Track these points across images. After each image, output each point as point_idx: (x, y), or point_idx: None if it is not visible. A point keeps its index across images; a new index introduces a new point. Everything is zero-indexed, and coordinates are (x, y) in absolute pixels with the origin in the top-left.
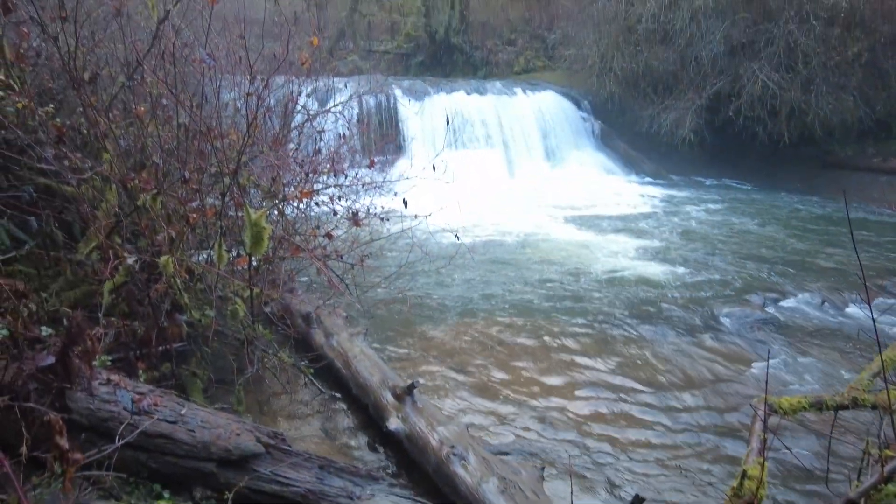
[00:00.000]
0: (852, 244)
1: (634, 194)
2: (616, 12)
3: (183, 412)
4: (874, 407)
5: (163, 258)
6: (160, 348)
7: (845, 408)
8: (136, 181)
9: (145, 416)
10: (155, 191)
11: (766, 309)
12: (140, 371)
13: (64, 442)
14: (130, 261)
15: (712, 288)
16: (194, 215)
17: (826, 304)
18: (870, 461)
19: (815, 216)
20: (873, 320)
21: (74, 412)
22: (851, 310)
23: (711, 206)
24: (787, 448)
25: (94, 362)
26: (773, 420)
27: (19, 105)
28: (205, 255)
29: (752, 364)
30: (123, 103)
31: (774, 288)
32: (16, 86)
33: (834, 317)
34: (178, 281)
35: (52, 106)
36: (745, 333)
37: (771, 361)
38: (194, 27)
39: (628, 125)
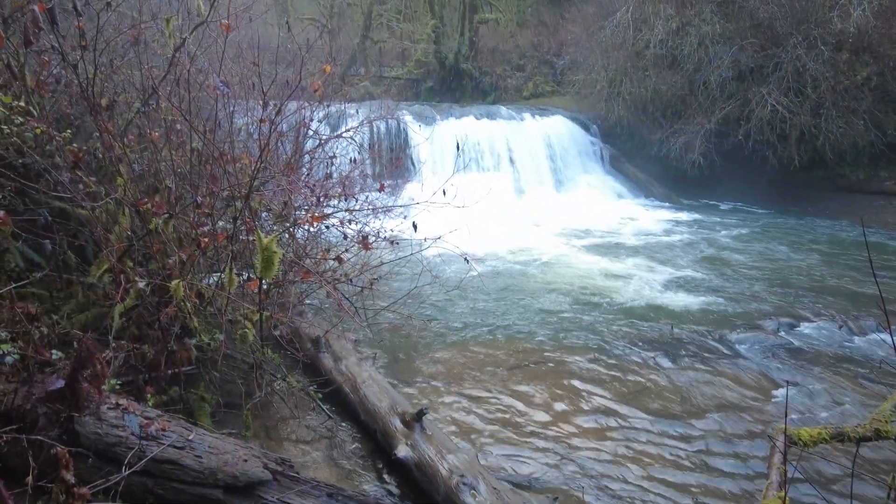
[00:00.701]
0: (871, 269)
1: (644, 218)
2: (624, 38)
3: (191, 437)
4: None
5: (174, 282)
6: (169, 372)
7: (868, 440)
8: (149, 205)
9: (153, 442)
10: (167, 215)
11: (780, 334)
12: (148, 395)
13: (70, 476)
14: (141, 284)
15: (724, 313)
16: (206, 239)
17: (843, 330)
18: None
19: (828, 240)
20: (894, 348)
21: (82, 437)
22: (870, 336)
23: (722, 229)
24: (808, 481)
25: (104, 386)
26: (793, 452)
27: (38, 131)
28: (215, 279)
29: (768, 392)
30: (138, 128)
31: (789, 313)
32: (35, 112)
33: (852, 344)
34: (189, 304)
35: (69, 131)
36: (759, 360)
37: (788, 389)
38: (209, 54)
39: (637, 149)
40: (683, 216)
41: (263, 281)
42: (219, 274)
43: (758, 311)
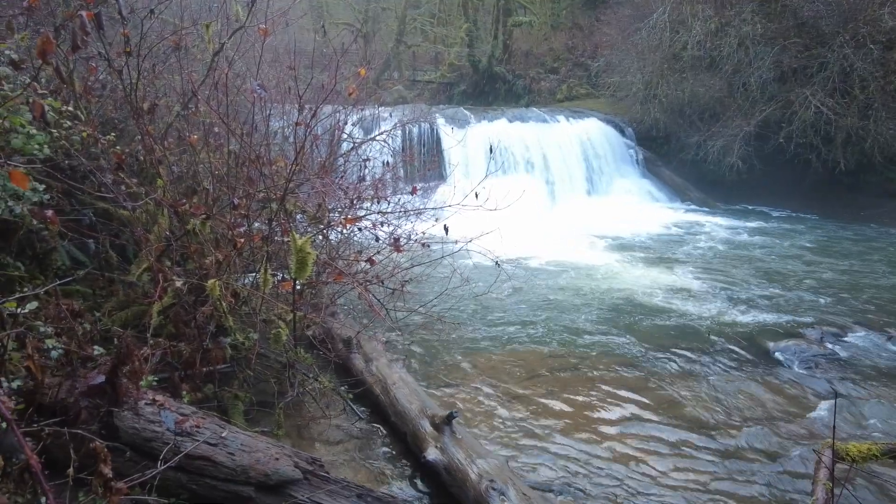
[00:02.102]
0: None
1: (679, 222)
2: (661, 40)
3: (224, 435)
4: None
5: (210, 281)
6: (204, 370)
7: None
8: (187, 206)
9: (187, 438)
10: (204, 216)
11: (825, 344)
12: (184, 392)
13: (108, 470)
14: (179, 283)
15: (765, 321)
16: (242, 240)
17: (892, 341)
18: None
19: (876, 247)
20: None
21: (121, 431)
22: None
23: (761, 235)
24: (856, 498)
25: (141, 382)
26: (840, 468)
27: (84, 134)
28: (250, 279)
29: (810, 404)
30: (178, 131)
31: (833, 322)
32: (82, 116)
33: None
34: (224, 304)
35: (113, 134)
36: (801, 370)
37: (833, 401)
38: (247, 59)
39: (674, 153)
40: (720, 221)
41: (297, 282)
42: (254, 274)
43: (800, 320)
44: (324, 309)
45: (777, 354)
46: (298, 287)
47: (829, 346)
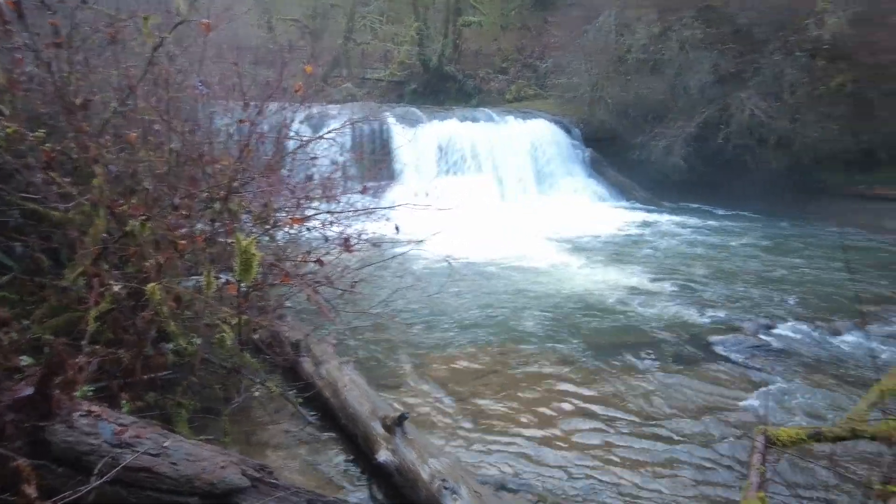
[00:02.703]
0: (847, 271)
1: (625, 221)
2: (606, 43)
3: (166, 444)
4: (873, 438)
5: (150, 285)
6: (145, 377)
7: (844, 439)
8: (126, 207)
9: (127, 450)
10: (144, 217)
11: (759, 336)
12: (123, 401)
13: (31, 490)
14: (117, 288)
15: (704, 314)
16: (183, 242)
17: (820, 330)
18: (872, 496)
19: (805, 242)
20: (871, 349)
21: (53, 446)
22: (846, 337)
23: (702, 232)
24: (787, 482)
25: (76, 393)
26: (773, 452)
27: (9, 130)
28: (193, 282)
29: (748, 393)
30: (115, 129)
31: (767, 314)
32: (6, 111)
33: (828, 344)
34: (166, 308)
35: (42, 131)
36: (739, 361)
37: (767, 390)
38: (189, 54)
39: (619, 153)
40: (664, 219)
41: (242, 284)
42: (197, 277)
43: (736, 313)
44: (271, 312)
45: (716, 347)
46: (244, 289)
47: (764, 337)
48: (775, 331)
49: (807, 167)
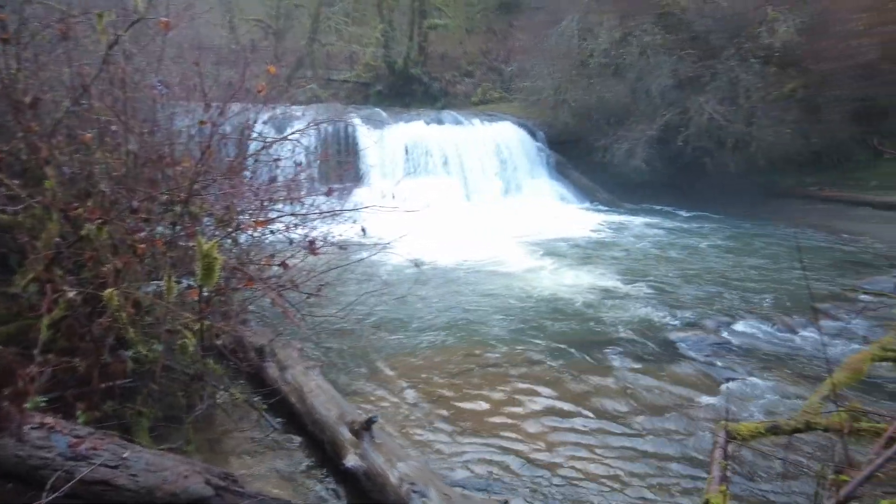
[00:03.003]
0: (801, 271)
1: (589, 222)
2: (570, 47)
3: (125, 455)
4: (826, 430)
5: (107, 291)
6: (103, 386)
7: (800, 431)
8: (81, 210)
9: (83, 462)
10: (101, 220)
11: (720, 333)
12: (79, 412)
13: None
14: (72, 294)
15: (667, 313)
16: (143, 246)
17: (777, 327)
18: (826, 485)
19: (762, 242)
20: (823, 344)
21: (2, 460)
22: (800, 332)
23: (663, 233)
24: (747, 474)
25: (26, 404)
26: (733, 446)
27: None
28: (154, 287)
29: (710, 389)
30: (69, 129)
31: (727, 312)
32: None
33: (784, 340)
34: (125, 314)
35: None
36: (701, 358)
37: (728, 386)
38: (147, 53)
39: (582, 155)
40: (626, 220)
41: (204, 289)
42: (157, 282)
43: (698, 311)
44: (234, 317)
45: (679, 345)
46: (206, 294)
47: (724, 334)
48: (735, 328)
49: (762, 169)
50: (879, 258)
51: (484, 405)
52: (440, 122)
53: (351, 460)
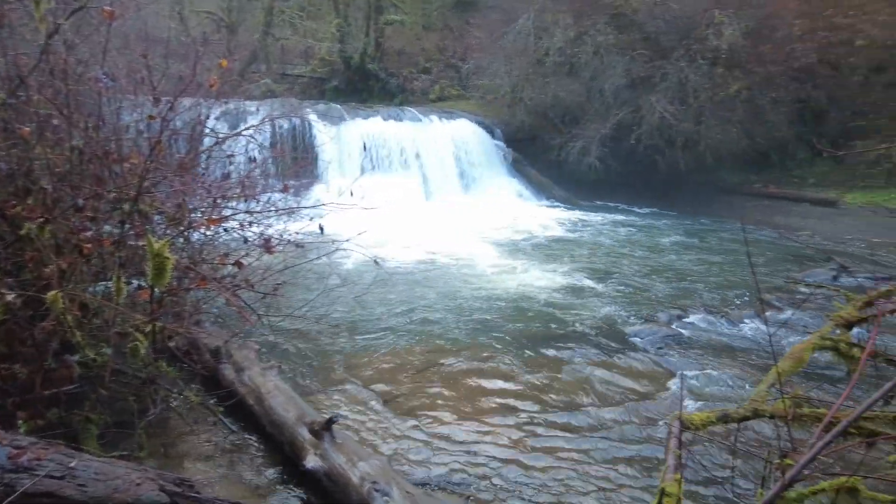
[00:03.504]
0: (749, 265)
1: (546, 219)
2: (526, 45)
3: (72, 465)
4: (772, 417)
5: (51, 293)
6: (46, 393)
7: (748, 419)
8: (20, 209)
9: (25, 474)
10: (42, 219)
11: (672, 326)
12: (20, 421)
13: None
14: (10, 297)
15: (621, 307)
16: (89, 245)
17: (726, 319)
18: (772, 469)
19: (711, 238)
20: (769, 336)
21: None
22: (748, 324)
23: (617, 229)
24: (701, 463)
25: None
26: (687, 436)
27: None
28: (102, 288)
29: (664, 381)
30: (5, 122)
31: (679, 305)
32: None
33: (733, 331)
34: (70, 317)
35: None
36: (655, 351)
37: (681, 377)
38: (90, 43)
39: (539, 153)
40: (581, 217)
41: (156, 289)
42: (106, 283)
43: (651, 305)
44: (187, 318)
45: (634, 338)
46: (157, 295)
47: (677, 327)
48: (687, 321)
49: (711, 167)
50: (819, 252)
51: (445, 403)
52: (398, 118)
53: (311, 461)
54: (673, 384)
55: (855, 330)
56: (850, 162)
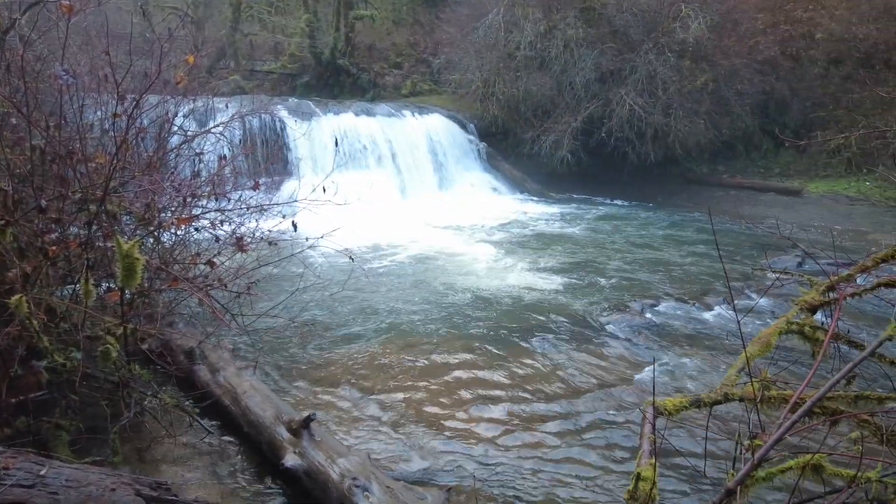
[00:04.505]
0: (717, 253)
1: (519, 213)
2: (496, 39)
3: (43, 472)
4: (741, 400)
5: (15, 297)
6: (13, 400)
7: (719, 403)
8: None
9: None
10: (3, 221)
11: (645, 315)
12: None
13: None
14: None
15: (595, 297)
16: (54, 248)
17: (696, 307)
18: (742, 450)
19: (680, 228)
20: (738, 322)
21: None
22: (717, 311)
23: (589, 221)
24: (675, 447)
25: None
26: (661, 421)
27: None
28: (70, 291)
29: (637, 368)
30: None
31: (650, 295)
32: None
33: (703, 318)
34: (36, 322)
35: None
36: (628, 339)
37: (653, 363)
38: (49, 39)
39: (512, 147)
40: (554, 209)
41: (126, 291)
42: (74, 286)
43: (623, 294)
44: (160, 319)
45: (608, 327)
46: (128, 297)
47: (649, 316)
48: (658, 309)
49: (680, 159)
50: (784, 240)
51: (422, 396)
52: (370, 113)
53: (290, 459)
54: (646, 371)
55: (819, 313)
56: (812, 152)
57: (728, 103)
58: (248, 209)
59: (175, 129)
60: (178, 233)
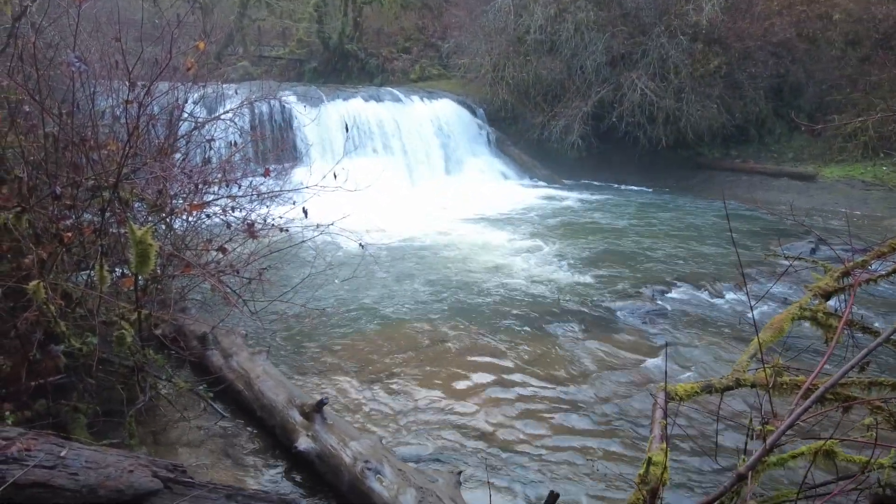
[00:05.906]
0: (731, 239)
1: (530, 198)
2: (506, 23)
3: (63, 454)
4: (753, 386)
5: (32, 283)
6: (33, 384)
7: (731, 389)
8: None
9: (15, 465)
10: (19, 208)
11: (656, 301)
12: (7, 412)
13: None
14: None
15: (606, 283)
16: (69, 234)
17: (707, 293)
18: (754, 436)
19: (691, 213)
20: (751, 308)
21: None
22: (729, 297)
23: (600, 207)
24: (686, 432)
25: None
26: (672, 406)
27: None
28: (84, 277)
29: (649, 353)
30: None
31: (661, 280)
32: None
33: (715, 304)
34: (53, 307)
35: None
36: (639, 325)
37: (664, 350)
38: (60, 27)
39: (521, 132)
40: (564, 195)
41: (140, 277)
42: (88, 272)
43: (634, 280)
44: (173, 305)
45: (619, 313)
46: (142, 283)
47: (660, 301)
48: (670, 295)
49: (692, 143)
50: (797, 226)
51: (433, 381)
52: (378, 99)
53: (303, 443)
54: (658, 357)
55: (832, 300)
56: (827, 136)
57: (741, 87)
58: (258, 195)
59: (185, 115)
60: (190, 219)
